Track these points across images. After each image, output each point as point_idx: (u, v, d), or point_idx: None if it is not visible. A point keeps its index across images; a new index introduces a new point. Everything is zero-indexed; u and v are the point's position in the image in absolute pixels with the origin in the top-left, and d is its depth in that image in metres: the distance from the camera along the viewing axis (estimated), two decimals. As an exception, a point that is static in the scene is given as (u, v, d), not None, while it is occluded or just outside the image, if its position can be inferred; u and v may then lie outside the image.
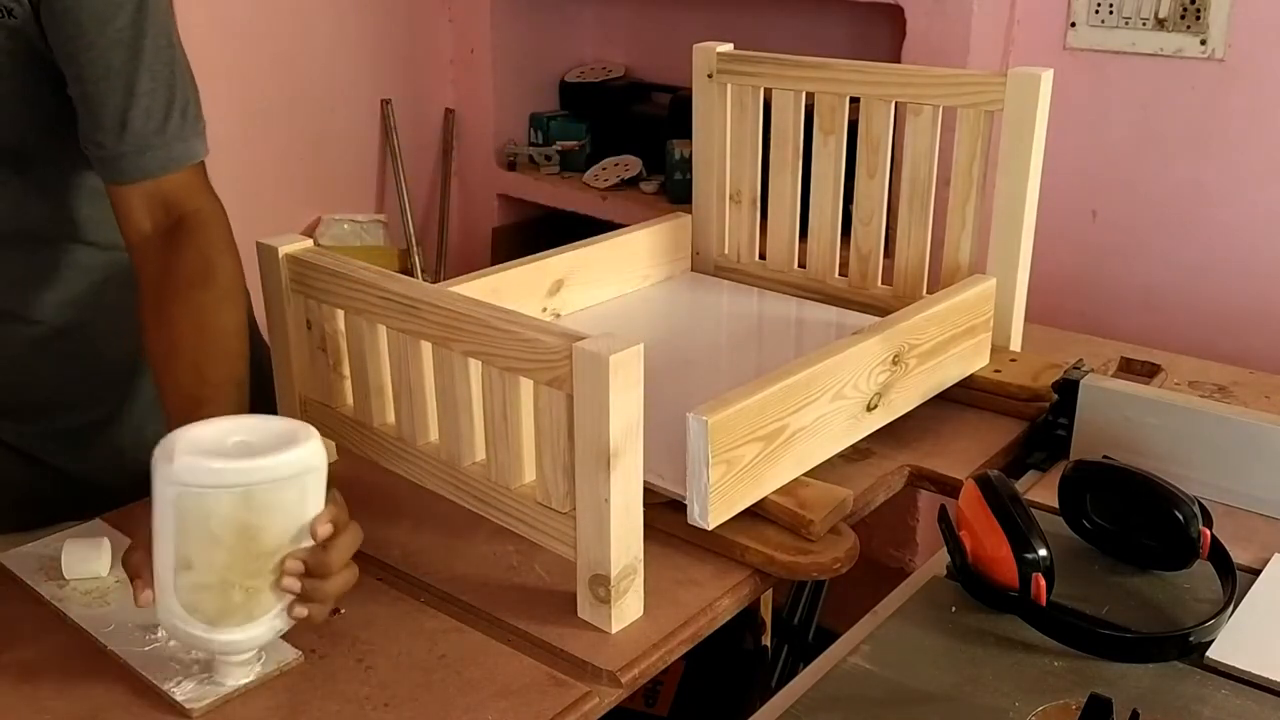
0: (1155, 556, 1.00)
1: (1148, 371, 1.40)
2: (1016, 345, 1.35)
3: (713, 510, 0.97)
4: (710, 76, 1.45)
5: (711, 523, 0.98)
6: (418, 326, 0.95)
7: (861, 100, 1.35)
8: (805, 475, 1.06)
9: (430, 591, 0.97)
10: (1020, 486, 1.10)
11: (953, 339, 1.22)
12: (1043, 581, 0.91)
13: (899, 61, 2.03)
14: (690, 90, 1.48)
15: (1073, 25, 2.03)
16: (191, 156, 1.04)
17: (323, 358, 1.07)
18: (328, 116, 2.58)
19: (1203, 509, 0.98)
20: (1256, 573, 1.00)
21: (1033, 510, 0.95)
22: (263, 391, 1.09)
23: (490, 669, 0.88)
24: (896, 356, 1.13)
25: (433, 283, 1.34)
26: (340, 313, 1.04)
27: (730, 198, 1.50)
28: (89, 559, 0.98)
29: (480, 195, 2.79)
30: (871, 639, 0.93)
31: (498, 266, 1.32)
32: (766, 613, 1.93)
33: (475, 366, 0.93)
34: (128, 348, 1.16)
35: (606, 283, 1.43)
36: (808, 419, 1.04)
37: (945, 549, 0.99)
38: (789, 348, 1.37)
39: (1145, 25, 1.95)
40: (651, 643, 0.91)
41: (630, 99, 2.67)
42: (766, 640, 1.94)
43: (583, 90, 2.72)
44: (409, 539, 1.04)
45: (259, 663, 0.87)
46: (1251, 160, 1.92)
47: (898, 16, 2.06)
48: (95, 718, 0.83)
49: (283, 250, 1.05)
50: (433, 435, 1.00)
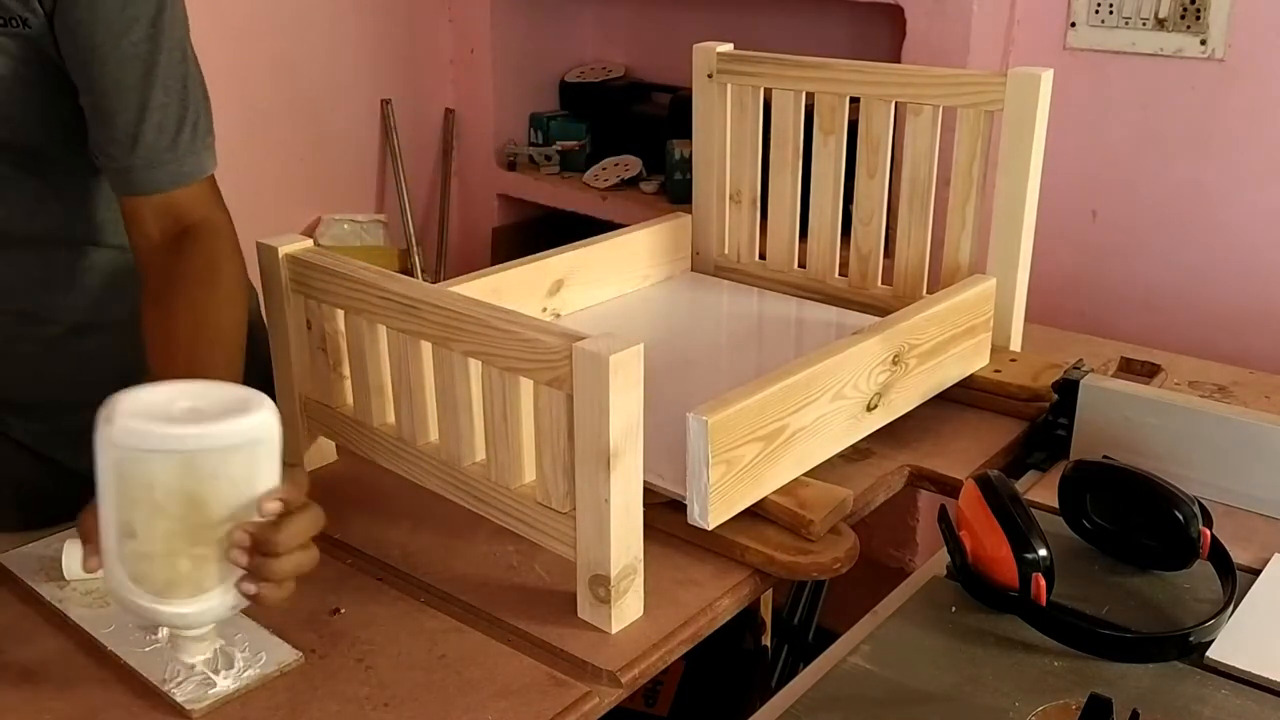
0: (1155, 556, 1.00)
1: (1148, 371, 1.40)
2: (1016, 345, 1.35)
3: (713, 510, 0.97)
4: (710, 76, 1.45)
5: (711, 523, 0.98)
6: (418, 326, 0.95)
7: (861, 100, 1.35)
8: (805, 475, 1.06)
9: (430, 591, 0.97)
10: (1020, 486, 1.10)
11: (953, 339, 1.22)
12: (1043, 581, 0.91)
13: (899, 61, 2.02)
14: (690, 90, 1.48)
15: (1073, 25, 2.02)
16: (201, 171, 1.04)
17: (323, 358, 1.08)
18: (327, 117, 2.58)
19: (1203, 509, 0.98)
20: (1256, 573, 1.00)
21: (1033, 510, 0.95)
22: (266, 388, 1.09)
23: (490, 669, 0.88)
24: (896, 356, 1.13)
25: (433, 283, 1.34)
26: (340, 313, 1.04)
27: (730, 198, 1.50)
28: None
29: (480, 195, 2.79)
30: (871, 639, 0.93)
31: (498, 266, 1.32)
32: (766, 613, 1.93)
33: (475, 366, 0.93)
34: (141, 349, 1.16)
35: (606, 283, 1.43)
36: (808, 419, 1.04)
37: (945, 549, 0.99)
38: (789, 348, 1.37)
39: (1145, 25, 1.95)
40: (651, 643, 0.91)
41: (630, 99, 2.66)
42: (766, 640, 1.94)
43: (583, 90, 2.72)
44: (409, 539, 1.04)
45: (219, 641, 0.85)
46: (1251, 160, 1.92)
47: (898, 16, 2.06)
48: (95, 718, 0.83)
49: (283, 250, 1.05)
50: (433, 435, 1.00)
